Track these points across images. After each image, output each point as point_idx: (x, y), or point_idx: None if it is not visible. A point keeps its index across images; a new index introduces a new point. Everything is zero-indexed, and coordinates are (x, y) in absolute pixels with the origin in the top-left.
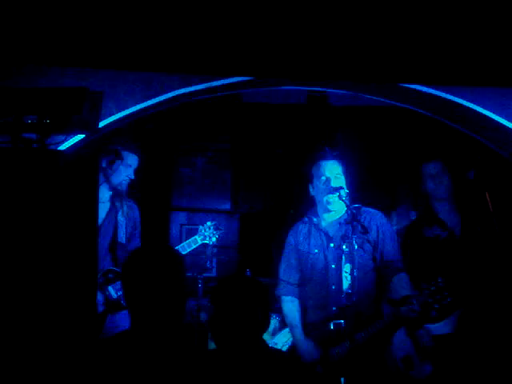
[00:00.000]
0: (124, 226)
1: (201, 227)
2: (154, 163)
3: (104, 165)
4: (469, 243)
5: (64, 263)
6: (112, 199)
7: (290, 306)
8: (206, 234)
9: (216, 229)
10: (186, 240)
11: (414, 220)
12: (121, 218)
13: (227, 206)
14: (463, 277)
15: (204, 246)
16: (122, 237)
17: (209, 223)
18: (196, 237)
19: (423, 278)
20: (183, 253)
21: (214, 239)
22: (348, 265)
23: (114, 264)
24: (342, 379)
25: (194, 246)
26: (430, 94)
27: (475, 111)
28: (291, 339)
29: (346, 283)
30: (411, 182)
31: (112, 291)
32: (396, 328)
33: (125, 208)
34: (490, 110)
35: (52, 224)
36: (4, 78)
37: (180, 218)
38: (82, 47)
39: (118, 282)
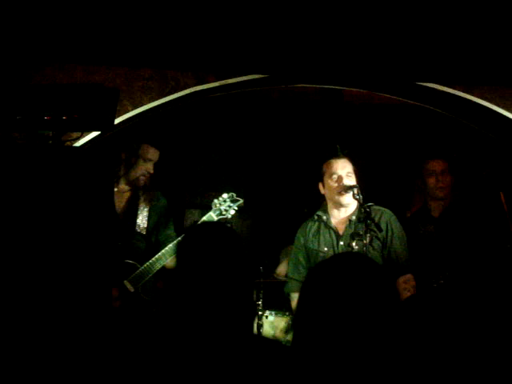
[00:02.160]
0: (146, 216)
1: (215, 201)
2: (168, 160)
3: (124, 159)
4: (459, 241)
5: (79, 257)
6: (133, 189)
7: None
8: (223, 208)
9: (233, 200)
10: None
11: (409, 217)
12: (142, 207)
13: (241, 204)
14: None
15: None
16: (141, 227)
17: (225, 195)
18: (211, 213)
19: (424, 274)
20: None
21: (232, 212)
22: None
23: (131, 256)
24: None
25: None
26: (447, 93)
27: (492, 110)
28: None
29: None
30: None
31: (128, 285)
32: None
33: (147, 196)
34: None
35: (67, 219)
36: (21, 76)
37: (194, 214)
38: (98, 44)
39: (134, 275)
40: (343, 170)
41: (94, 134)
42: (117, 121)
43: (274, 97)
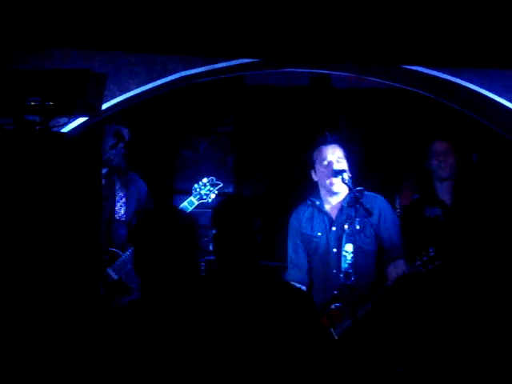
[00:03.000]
0: (124, 202)
1: (195, 186)
2: (156, 146)
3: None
4: (465, 223)
5: (67, 245)
6: (109, 175)
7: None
8: (203, 193)
9: (213, 184)
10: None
11: (415, 200)
12: (120, 193)
13: (230, 189)
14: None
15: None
16: (120, 214)
17: (204, 179)
18: (191, 198)
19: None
20: None
21: (212, 196)
22: (349, 244)
23: (112, 244)
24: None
25: (191, 209)
26: (434, 77)
27: (480, 94)
28: None
29: (345, 263)
30: (415, 165)
31: (112, 273)
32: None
33: (124, 181)
34: (495, 93)
35: (55, 205)
36: (7, 61)
37: (182, 200)
38: (84, 29)
39: (117, 263)
40: (333, 155)
41: (82, 119)
42: (104, 106)
43: None
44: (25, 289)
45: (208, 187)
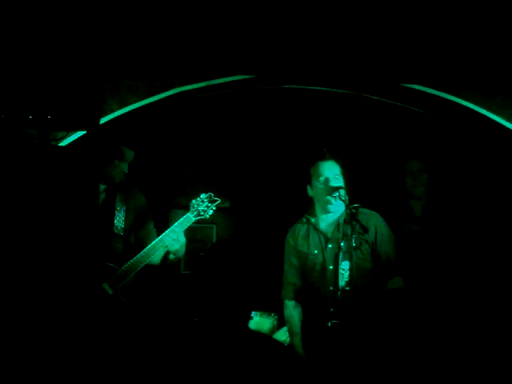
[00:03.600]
0: (123, 216)
1: (193, 201)
2: (155, 160)
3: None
4: (441, 239)
5: (64, 257)
6: (109, 188)
7: (293, 313)
8: (200, 209)
9: (212, 201)
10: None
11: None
12: (119, 207)
13: (226, 204)
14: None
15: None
16: (119, 228)
17: (203, 195)
18: (188, 214)
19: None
20: (173, 236)
21: (210, 212)
22: (346, 262)
23: (111, 258)
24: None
25: (187, 226)
26: (430, 94)
27: (475, 111)
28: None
29: (342, 281)
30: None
31: (107, 288)
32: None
33: (124, 196)
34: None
35: (53, 219)
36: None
37: (179, 215)
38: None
39: (113, 278)
40: (330, 171)
41: (80, 133)
42: (103, 120)
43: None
44: (22, 303)
45: (206, 203)
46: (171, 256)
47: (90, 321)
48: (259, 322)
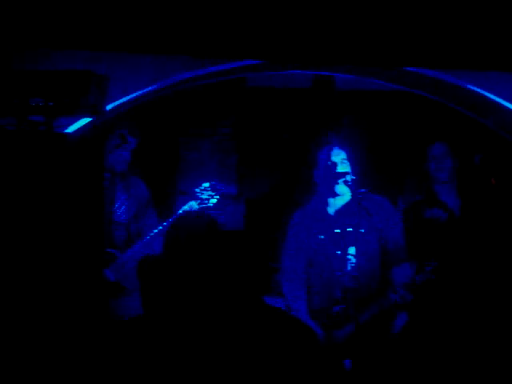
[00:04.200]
0: (125, 204)
1: (197, 190)
2: (160, 148)
3: (109, 148)
4: (468, 225)
5: (68, 245)
6: (111, 177)
7: (293, 290)
8: (204, 197)
9: (214, 189)
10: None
11: (415, 201)
12: (121, 196)
13: (233, 190)
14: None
15: None
16: (120, 216)
17: (206, 184)
18: (192, 202)
19: (421, 259)
20: None
21: (213, 201)
22: (353, 248)
23: (111, 245)
24: (347, 361)
25: None
26: (436, 78)
27: (482, 95)
28: None
29: (349, 266)
30: (417, 166)
31: (109, 274)
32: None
33: (126, 184)
34: (497, 95)
35: (57, 205)
36: (9, 61)
37: (186, 201)
38: (88, 30)
39: (115, 264)
40: (337, 156)
41: (85, 120)
42: (107, 107)
43: None
44: (25, 288)
45: (209, 192)
46: None
47: (91, 306)
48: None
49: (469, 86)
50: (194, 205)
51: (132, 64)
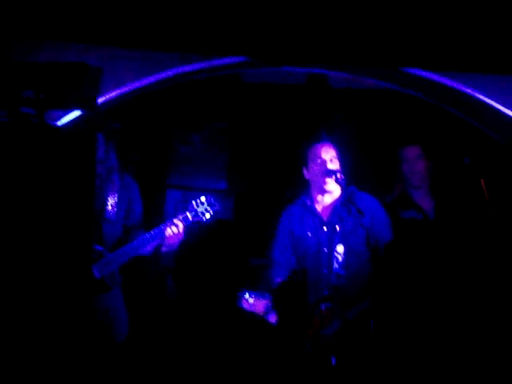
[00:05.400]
0: (115, 202)
1: (193, 202)
2: (150, 140)
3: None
4: (443, 227)
5: (58, 239)
6: (101, 174)
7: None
8: (199, 210)
9: (211, 204)
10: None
11: (390, 203)
12: (111, 193)
13: (223, 186)
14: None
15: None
16: (110, 213)
17: (203, 198)
18: (187, 213)
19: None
20: (175, 230)
21: (208, 216)
22: (340, 246)
23: (100, 242)
24: (333, 358)
25: (187, 224)
26: (428, 79)
27: (472, 96)
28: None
29: (336, 263)
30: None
31: (95, 271)
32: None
33: (116, 183)
34: (488, 96)
35: (49, 198)
36: (2, 53)
37: (176, 195)
38: (81, 22)
39: (102, 262)
40: (327, 154)
41: (77, 113)
42: (100, 100)
43: None
44: (14, 280)
45: (205, 206)
46: (164, 248)
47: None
48: (253, 303)
49: (459, 87)
50: (188, 217)
51: (125, 57)
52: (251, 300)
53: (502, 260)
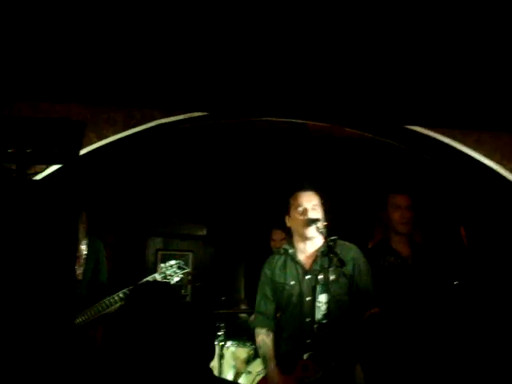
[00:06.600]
0: (83, 263)
1: (162, 265)
2: (130, 190)
3: None
4: (421, 273)
5: (41, 295)
6: None
7: (265, 339)
8: (168, 273)
9: (180, 268)
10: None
11: (370, 248)
12: (79, 255)
13: (203, 232)
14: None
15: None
16: (80, 274)
17: (172, 261)
18: (156, 275)
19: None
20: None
21: (175, 279)
22: (323, 295)
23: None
24: None
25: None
26: (415, 132)
27: (455, 149)
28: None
29: (319, 313)
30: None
31: None
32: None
33: (83, 245)
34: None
35: (30, 253)
36: None
37: (156, 243)
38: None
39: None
40: (309, 202)
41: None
42: (82, 152)
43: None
44: None
45: (174, 269)
46: None
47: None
48: (235, 351)
49: (443, 140)
50: (157, 278)
51: (106, 110)
52: (233, 348)
53: (482, 305)
